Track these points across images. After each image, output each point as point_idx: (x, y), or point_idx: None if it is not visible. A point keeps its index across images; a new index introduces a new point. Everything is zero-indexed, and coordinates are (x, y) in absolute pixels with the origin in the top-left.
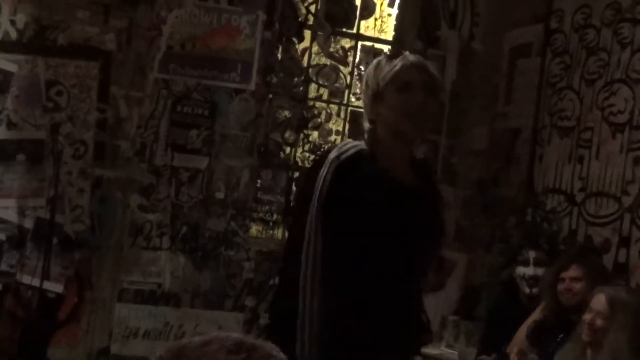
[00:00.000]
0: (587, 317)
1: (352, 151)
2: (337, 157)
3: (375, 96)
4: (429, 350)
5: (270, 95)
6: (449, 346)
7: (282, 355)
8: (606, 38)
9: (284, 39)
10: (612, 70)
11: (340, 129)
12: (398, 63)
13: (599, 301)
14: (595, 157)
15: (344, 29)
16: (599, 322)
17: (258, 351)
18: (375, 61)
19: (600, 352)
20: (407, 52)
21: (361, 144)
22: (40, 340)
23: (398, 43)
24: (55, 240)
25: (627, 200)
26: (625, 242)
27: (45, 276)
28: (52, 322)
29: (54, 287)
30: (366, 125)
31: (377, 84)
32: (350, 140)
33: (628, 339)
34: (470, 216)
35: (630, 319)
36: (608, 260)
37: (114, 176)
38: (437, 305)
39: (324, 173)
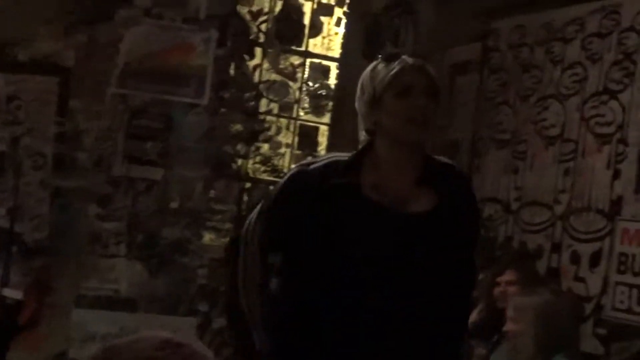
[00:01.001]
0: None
1: (320, 163)
2: (307, 164)
3: (373, 103)
4: None
5: (223, 110)
6: None
7: (209, 353)
8: (539, 56)
9: (236, 56)
10: (545, 86)
11: (289, 142)
12: (396, 66)
13: (509, 307)
14: (529, 168)
15: (293, 47)
16: (509, 326)
17: (184, 349)
18: (371, 65)
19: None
20: (404, 55)
21: (341, 156)
22: (0, 345)
23: (344, 60)
24: (15, 249)
25: (559, 209)
26: (556, 248)
27: (5, 283)
28: (11, 327)
29: (14, 293)
30: (362, 134)
31: (374, 89)
32: (334, 153)
33: (532, 341)
34: None
35: (534, 322)
36: (541, 265)
37: (73, 186)
38: None
39: (285, 177)
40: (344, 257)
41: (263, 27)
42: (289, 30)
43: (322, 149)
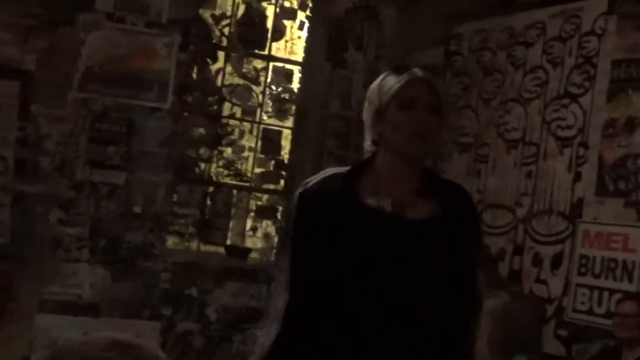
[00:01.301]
0: None
1: (322, 176)
2: (305, 183)
3: (378, 114)
4: None
5: (186, 114)
6: None
7: (160, 353)
8: (501, 60)
9: (198, 60)
10: (507, 90)
11: (253, 145)
12: (403, 78)
13: None
14: (491, 172)
15: (256, 51)
16: None
17: (132, 349)
18: (380, 76)
19: None
20: (415, 68)
21: (339, 169)
22: None
23: (307, 64)
24: None
25: (521, 212)
26: (519, 250)
27: None
28: None
29: None
30: (367, 145)
31: (380, 100)
32: (333, 168)
33: (486, 344)
34: None
35: (491, 325)
36: (503, 267)
37: (35, 191)
38: None
39: (292, 203)
40: (343, 260)
41: (226, 31)
42: (252, 34)
43: (285, 152)
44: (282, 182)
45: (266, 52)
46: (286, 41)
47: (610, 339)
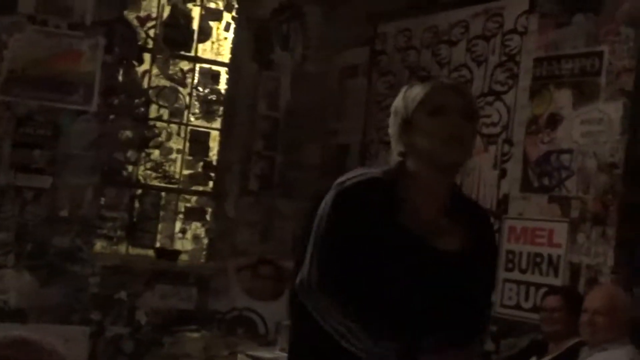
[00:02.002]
0: None
1: (362, 177)
2: (342, 182)
3: (405, 123)
4: (262, 353)
5: (112, 116)
6: (283, 349)
7: (60, 350)
8: (426, 59)
9: (124, 62)
10: None
11: (181, 147)
12: (429, 84)
13: None
14: None
15: (183, 52)
16: None
17: (31, 346)
18: (403, 88)
19: None
20: (441, 77)
21: (378, 172)
22: None
23: (234, 65)
24: None
25: None
26: None
27: None
28: None
29: None
30: (394, 159)
31: (406, 109)
32: (366, 168)
33: None
34: None
35: None
36: None
37: None
38: (274, 311)
39: (326, 200)
40: (374, 277)
41: (151, 32)
42: (178, 35)
43: (213, 154)
44: (210, 183)
45: (192, 54)
46: (212, 42)
47: (537, 333)
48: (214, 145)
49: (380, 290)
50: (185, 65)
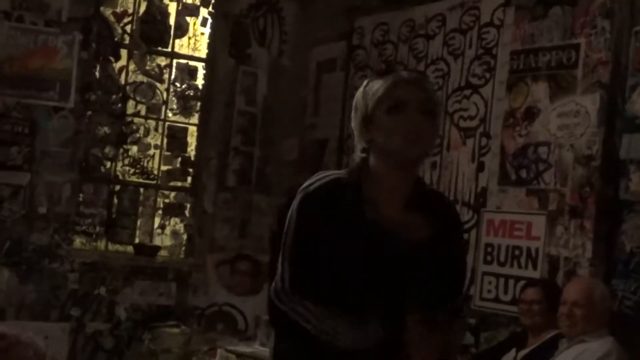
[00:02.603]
0: None
1: (324, 180)
2: (306, 187)
3: (365, 120)
4: (242, 348)
5: (89, 113)
6: (262, 344)
7: (39, 342)
8: (403, 53)
9: (101, 58)
10: None
11: (158, 143)
12: (388, 80)
13: None
14: None
15: (159, 48)
16: None
17: (8, 339)
18: (364, 82)
19: None
20: (401, 70)
21: (340, 173)
22: None
23: (211, 60)
24: None
25: None
26: None
27: None
28: None
29: None
30: (357, 155)
31: (366, 106)
32: (329, 171)
33: None
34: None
35: None
36: None
37: None
38: (253, 306)
39: (292, 206)
40: (341, 271)
41: (128, 28)
42: (154, 31)
43: (191, 149)
44: (189, 179)
45: (169, 49)
46: (189, 38)
47: (516, 325)
48: (191, 140)
49: (353, 283)
50: (162, 61)
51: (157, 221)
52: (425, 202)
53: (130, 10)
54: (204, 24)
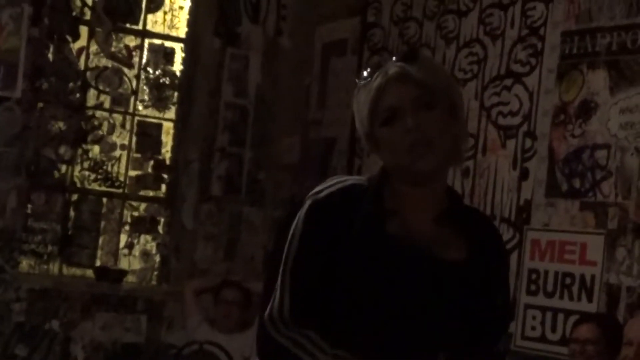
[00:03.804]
0: None
1: (339, 185)
2: (317, 192)
3: (368, 139)
4: None
5: (41, 104)
6: None
7: None
8: (429, 32)
9: (55, 37)
10: None
11: (126, 142)
12: (373, 86)
13: None
14: None
15: (128, 25)
16: None
17: None
18: (355, 89)
19: None
20: (389, 63)
21: (359, 179)
22: None
23: (192, 41)
24: None
25: None
26: None
27: None
28: None
29: None
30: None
31: (362, 125)
32: (344, 176)
33: None
34: None
35: None
36: None
37: None
38: (241, 345)
39: (299, 215)
40: (370, 304)
41: (89, 0)
42: (122, 4)
43: (166, 150)
44: (163, 187)
45: (140, 27)
46: (165, 13)
47: None
48: (167, 140)
49: (371, 312)
50: (131, 41)
51: (123, 239)
52: (459, 217)
53: None
54: None
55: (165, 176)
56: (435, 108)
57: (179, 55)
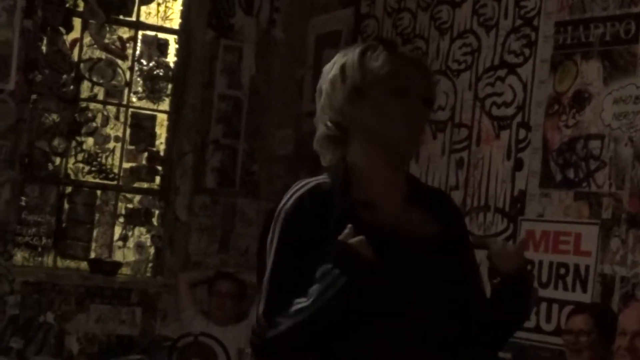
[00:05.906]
0: None
1: (304, 189)
2: (284, 204)
3: (356, 93)
4: None
5: (34, 96)
6: None
7: None
8: (423, 23)
9: (48, 28)
10: (431, 60)
11: (120, 134)
12: (394, 58)
13: None
14: (414, 160)
15: (121, 17)
16: None
17: None
18: (359, 48)
19: None
20: (401, 46)
21: (319, 179)
22: None
23: (185, 32)
24: None
25: None
26: None
27: None
28: None
29: None
30: (325, 128)
31: (363, 79)
32: (302, 180)
33: None
34: None
35: None
36: None
37: None
38: (236, 337)
39: (272, 228)
40: (360, 294)
41: None
42: None
43: (160, 142)
44: (157, 179)
45: (134, 19)
46: (158, 4)
47: None
48: (161, 131)
49: (363, 302)
50: (124, 33)
51: (117, 231)
52: (424, 197)
53: None
54: None
55: (160, 168)
56: (431, 106)
57: (172, 47)
